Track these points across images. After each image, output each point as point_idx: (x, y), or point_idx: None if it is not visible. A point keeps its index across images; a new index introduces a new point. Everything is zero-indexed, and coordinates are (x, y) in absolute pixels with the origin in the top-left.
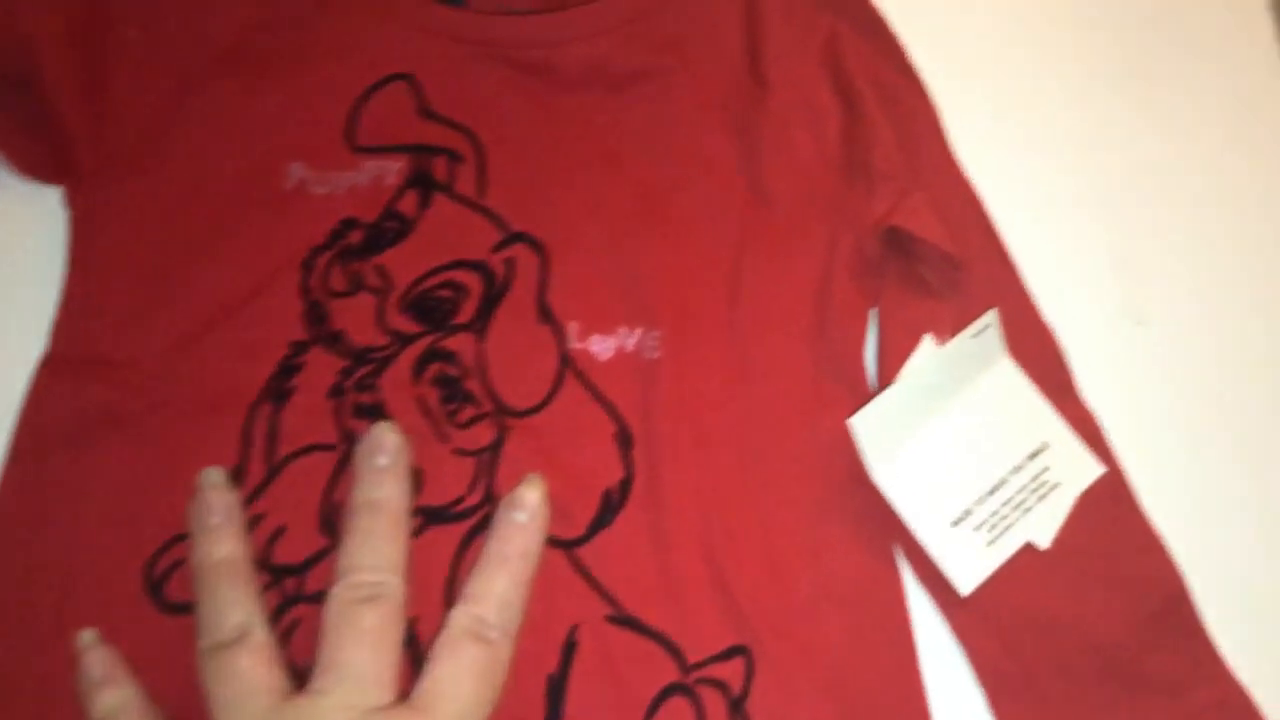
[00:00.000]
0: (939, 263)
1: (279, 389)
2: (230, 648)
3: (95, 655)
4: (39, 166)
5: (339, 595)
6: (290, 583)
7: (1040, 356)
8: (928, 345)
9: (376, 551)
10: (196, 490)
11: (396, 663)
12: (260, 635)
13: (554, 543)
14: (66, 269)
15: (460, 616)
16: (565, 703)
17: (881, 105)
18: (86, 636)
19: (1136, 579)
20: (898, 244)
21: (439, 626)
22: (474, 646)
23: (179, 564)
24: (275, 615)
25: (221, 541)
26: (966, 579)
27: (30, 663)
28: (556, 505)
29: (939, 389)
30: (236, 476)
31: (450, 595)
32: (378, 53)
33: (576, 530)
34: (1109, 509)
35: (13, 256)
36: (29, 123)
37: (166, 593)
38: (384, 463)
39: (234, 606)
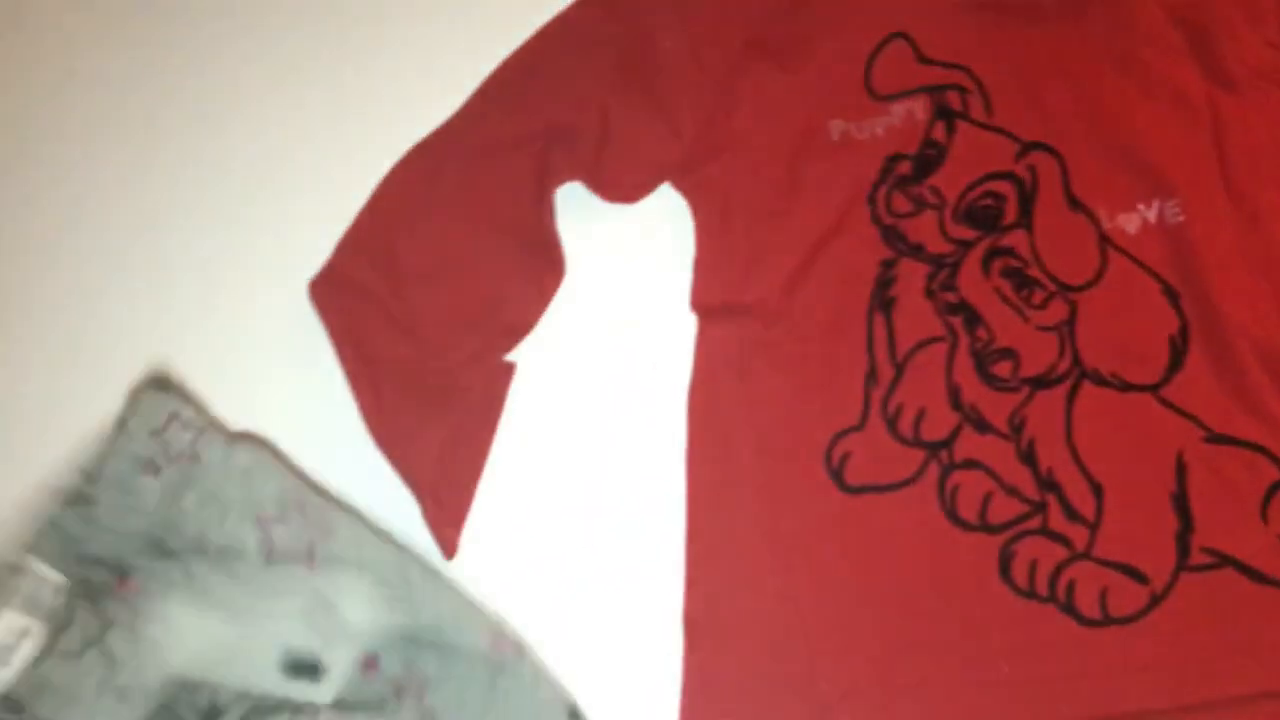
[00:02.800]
0: None
1: (883, 299)
2: None
3: None
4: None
5: None
6: (943, 454)
7: None
8: None
9: None
10: None
11: None
12: None
13: (1142, 388)
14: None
15: None
16: (1192, 512)
17: None
18: None
19: None
20: None
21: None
22: None
23: (848, 455)
24: (939, 483)
25: None
26: None
27: (735, 531)
28: (1134, 357)
29: None
30: (871, 377)
31: (1073, 446)
32: (871, 18)
33: (1156, 375)
34: None
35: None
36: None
37: (846, 477)
38: None
39: None
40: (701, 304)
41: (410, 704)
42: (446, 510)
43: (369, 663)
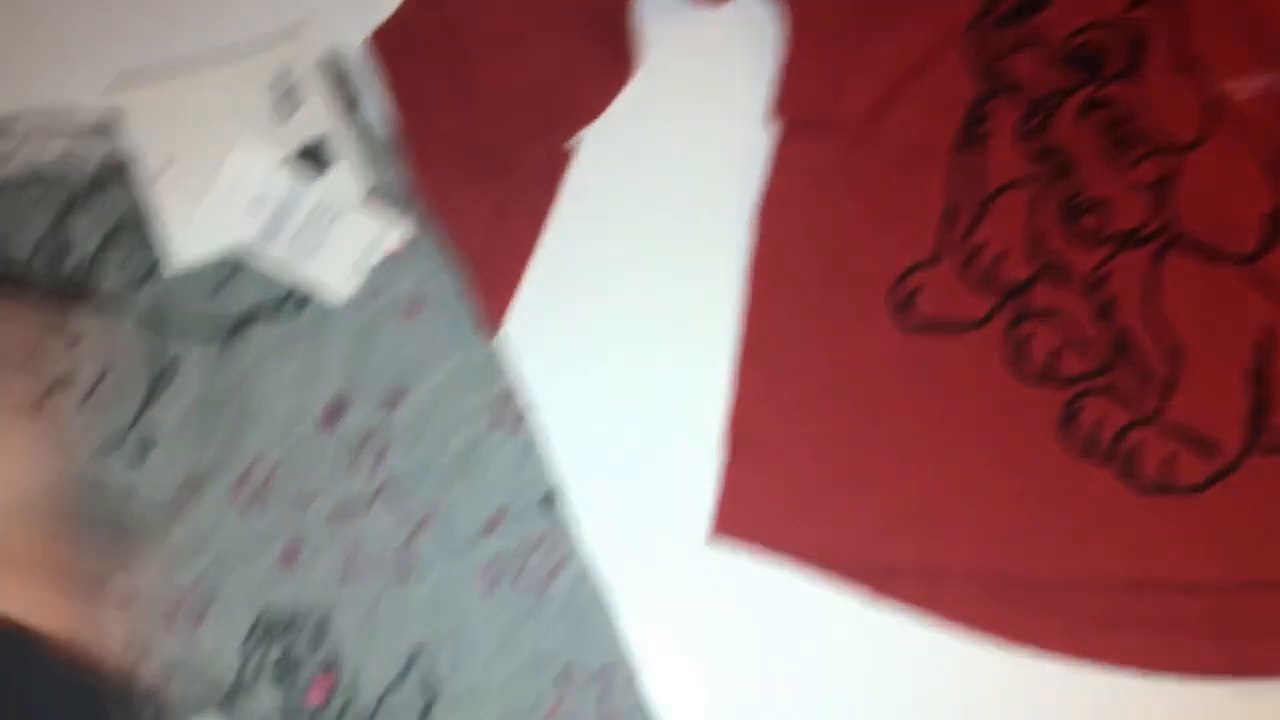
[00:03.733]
0: None
1: (971, 136)
2: None
3: None
4: None
5: None
6: (1015, 301)
7: None
8: None
9: None
10: None
11: None
12: None
13: (1233, 259)
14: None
15: None
16: (1271, 391)
17: None
18: None
19: None
20: None
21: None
22: None
23: (918, 289)
24: (1010, 326)
25: None
26: None
27: (789, 347)
28: (1228, 227)
29: None
30: (950, 214)
31: (1150, 307)
32: None
33: (1249, 248)
34: None
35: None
36: None
37: (912, 311)
38: None
39: None
40: (782, 115)
41: (365, 464)
42: (495, 282)
43: (333, 411)
